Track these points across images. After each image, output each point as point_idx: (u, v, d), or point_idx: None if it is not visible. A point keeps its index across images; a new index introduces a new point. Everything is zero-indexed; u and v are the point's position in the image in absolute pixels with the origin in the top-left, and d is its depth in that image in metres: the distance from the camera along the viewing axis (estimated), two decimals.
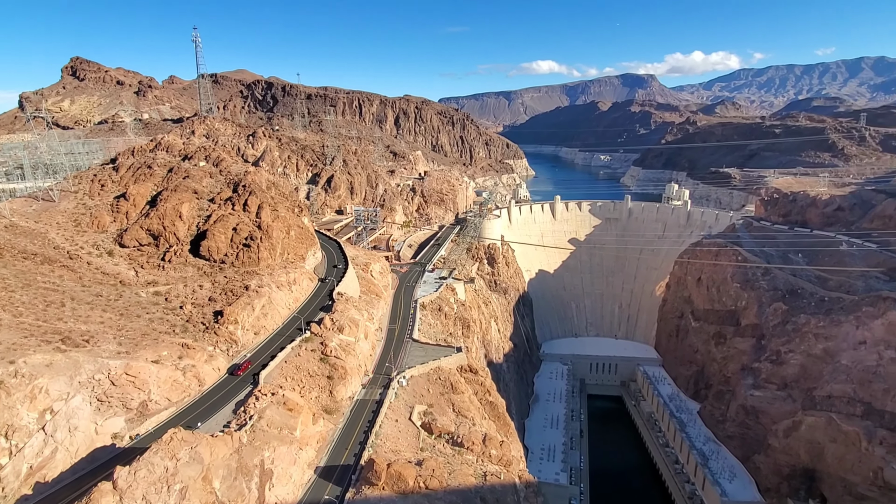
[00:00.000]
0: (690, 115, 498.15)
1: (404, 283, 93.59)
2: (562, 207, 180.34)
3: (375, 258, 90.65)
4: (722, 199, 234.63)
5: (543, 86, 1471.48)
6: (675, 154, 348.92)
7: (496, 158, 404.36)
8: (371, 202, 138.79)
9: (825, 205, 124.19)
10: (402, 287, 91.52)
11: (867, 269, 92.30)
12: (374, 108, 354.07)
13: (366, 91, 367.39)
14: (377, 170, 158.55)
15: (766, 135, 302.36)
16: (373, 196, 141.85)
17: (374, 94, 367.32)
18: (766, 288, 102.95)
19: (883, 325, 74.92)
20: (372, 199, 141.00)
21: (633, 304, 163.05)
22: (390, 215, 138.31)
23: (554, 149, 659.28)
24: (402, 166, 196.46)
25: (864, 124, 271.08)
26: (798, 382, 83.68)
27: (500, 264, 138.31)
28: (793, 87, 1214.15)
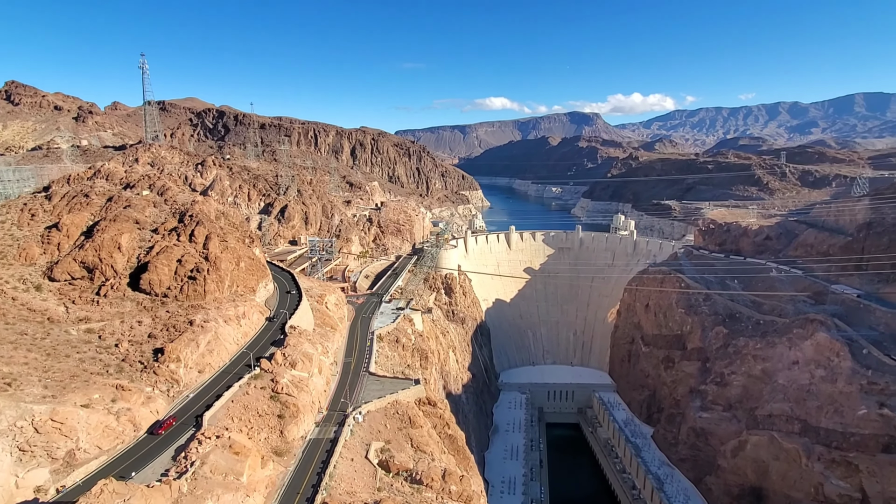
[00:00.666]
0: (633, 150, 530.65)
1: (361, 315, 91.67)
2: (517, 237, 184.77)
3: (331, 289, 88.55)
4: (664, 229, 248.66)
5: (497, 121, 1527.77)
6: (620, 187, 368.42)
7: (452, 190, 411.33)
8: (326, 232, 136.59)
9: (755, 234, 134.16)
10: (358, 318, 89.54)
11: (795, 293, 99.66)
12: (329, 138, 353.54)
13: (321, 122, 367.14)
14: (333, 200, 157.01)
15: (700, 170, 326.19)
16: (328, 226, 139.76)
17: (331, 124, 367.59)
18: (707, 313, 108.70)
19: (812, 346, 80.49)
20: (327, 229, 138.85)
21: (586, 331, 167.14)
22: (346, 246, 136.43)
23: (508, 181, 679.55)
24: (359, 197, 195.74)
25: (785, 161, 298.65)
26: (741, 403, 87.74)
27: (458, 294, 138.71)
28: (721, 127, 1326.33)
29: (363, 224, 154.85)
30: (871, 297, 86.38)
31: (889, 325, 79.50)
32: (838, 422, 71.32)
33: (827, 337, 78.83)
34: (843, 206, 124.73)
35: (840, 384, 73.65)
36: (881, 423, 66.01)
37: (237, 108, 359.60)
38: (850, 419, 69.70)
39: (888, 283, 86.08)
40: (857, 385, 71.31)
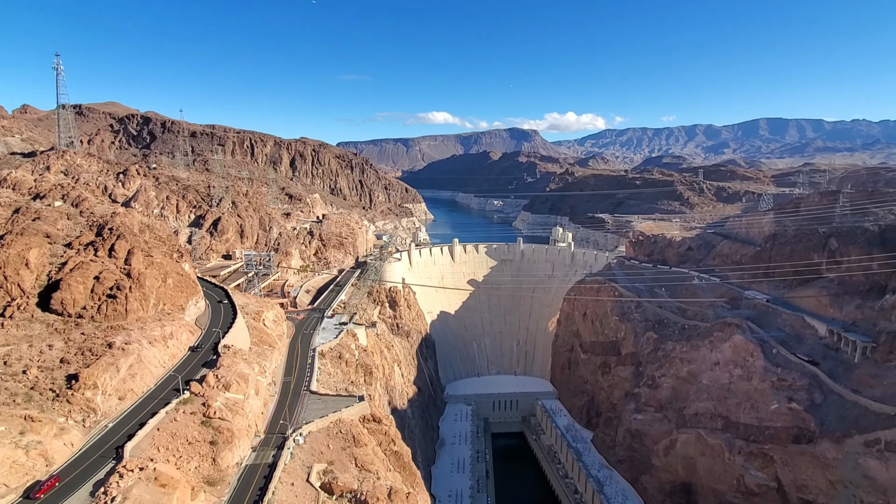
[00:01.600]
0: (569, 166, 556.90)
1: (301, 331, 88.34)
2: (460, 250, 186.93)
3: (269, 305, 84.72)
4: (599, 240, 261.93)
5: (439, 135, 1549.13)
6: (558, 200, 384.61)
7: (396, 202, 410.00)
8: (264, 246, 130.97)
9: (679, 245, 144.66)
10: (298, 335, 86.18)
11: (714, 299, 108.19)
12: (267, 149, 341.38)
13: (259, 131, 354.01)
14: (271, 212, 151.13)
15: (629, 185, 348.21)
16: (266, 240, 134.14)
17: (268, 134, 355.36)
18: (639, 319, 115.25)
19: (730, 348, 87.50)
20: (265, 242, 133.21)
21: (529, 341, 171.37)
22: (285, 259, 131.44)
23: (451, 194, 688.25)
24: (299, 209, 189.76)
25: (702, 179, 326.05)
26: (671, 403, 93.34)
27: (402, 307, 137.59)
28: (647, 146, 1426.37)
29: (304, 237, 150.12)
30: (777, 301, 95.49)
31: (793, 326, 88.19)
32: (755, 417, 77.71)
33: (742, 339, 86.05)
34: (752, 220, 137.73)
35: (755, 382, 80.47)
36: (790, 416, 72.68)
37: (165, 115, 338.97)
38: (765, 414, 76.20)
39: (791, 289, 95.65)
40: (769, 382, 78.21)
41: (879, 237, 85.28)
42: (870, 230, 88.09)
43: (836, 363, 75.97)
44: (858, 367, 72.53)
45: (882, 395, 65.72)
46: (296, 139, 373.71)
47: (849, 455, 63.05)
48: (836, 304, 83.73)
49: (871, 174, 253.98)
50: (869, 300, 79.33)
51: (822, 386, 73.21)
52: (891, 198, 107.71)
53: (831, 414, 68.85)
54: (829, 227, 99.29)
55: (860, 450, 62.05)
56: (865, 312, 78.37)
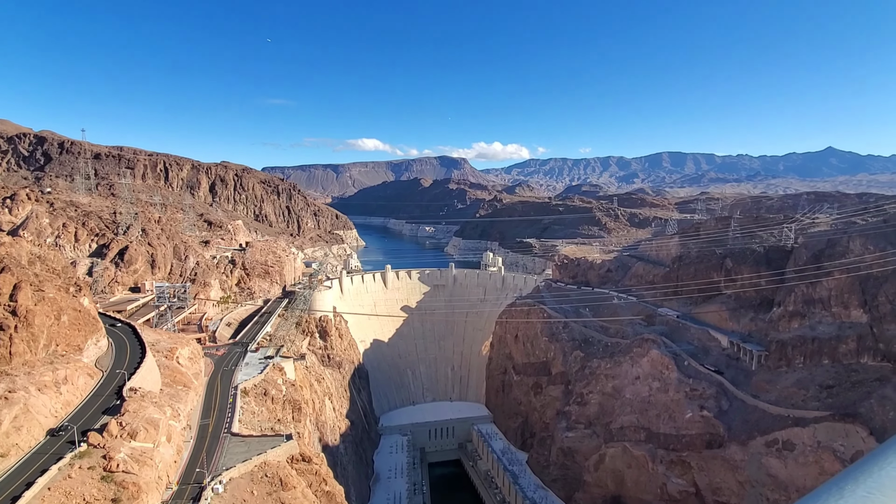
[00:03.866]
0: (497, 193, 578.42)
1: (221, 368, 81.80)
2: (393, 276, 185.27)
3: (184, 342, 77.85)
4: (527, 264, 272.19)
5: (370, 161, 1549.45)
6: (488, 226, 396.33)
7: (325, 229, 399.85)
8: (179, 277, 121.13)
9: (599, 267, 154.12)
10: (218, 373, 79.68)
11: (633, 317, 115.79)
12: (184, 173, 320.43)
13: (174, 154, 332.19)
14: (187, 240, 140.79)
15: (553, 212, 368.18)
16: (181, 270, 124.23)
17: (185, 158, 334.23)
18: (567, 339, 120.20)
19: (648, 362, 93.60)
20: (180, 273, 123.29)
21: (463, 366, 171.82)
22: (204, 291, 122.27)
23: (383, 220, 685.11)
24: (220, 236, 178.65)
25: (617, 206, 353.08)
26: (599, 419, 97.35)
27: (334, 337, 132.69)
28: (567, 175, 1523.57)
29: (224, 266, 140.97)
30: (686, 317, 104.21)
31: (700, 339, 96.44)
32: (672, 426, 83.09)
33: (658, 353, 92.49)
34: (660, 243, 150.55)
35: (671, 393, 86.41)
36: (703, 423, 78.58)
37: (64, 135, 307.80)
38: (681, 423, 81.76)
39: (697, 305, 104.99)
40: (683, 392, 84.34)
41: (765, 257, 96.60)
42: (757, 251, 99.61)
43: (738, 371, 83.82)
44: (756, 374, 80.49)
45: (776, 398, 73.23)
46: (216, 163, 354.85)
47: (753, 456, 69.10)
48: (734, 317, 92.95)
49: (755, 202, 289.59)
50: (761, 313, 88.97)
51: (727, 393, 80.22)
52: (772, 223, 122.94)
53: (737, 419, 75.40)
54: (724, 248, 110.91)
55: (762, 450, 68.29)
56: (758, 324, 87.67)
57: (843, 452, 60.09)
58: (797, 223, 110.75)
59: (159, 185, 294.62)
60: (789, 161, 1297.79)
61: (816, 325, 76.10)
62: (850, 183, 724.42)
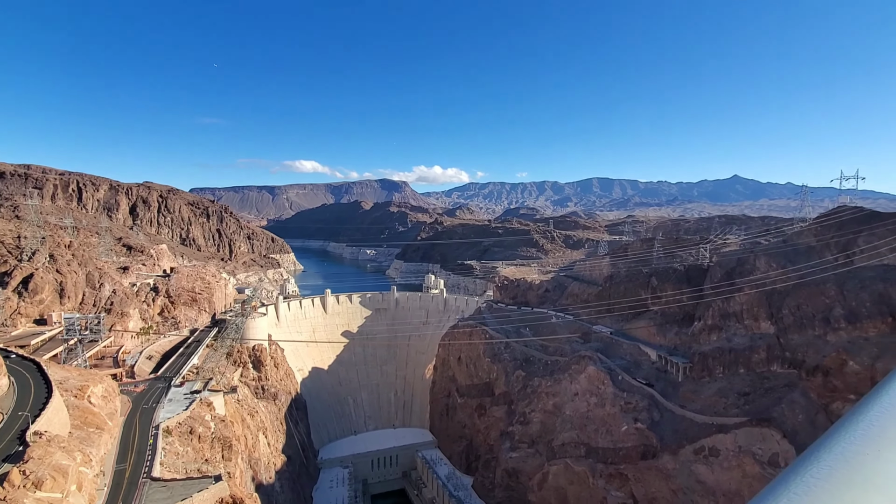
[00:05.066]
0: (438, 216, 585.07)
1: (141, 406, 74.67)
2: (333, 301, 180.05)
3: (97, 379, 70.40)
4: (469, 286, 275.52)
5: (308, 184, 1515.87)
6: (429, 249, 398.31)
7: (260, 253, 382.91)
8: (93, 307, 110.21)
9: (538, 288, 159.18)
10: (137, 411, 72.62)
11: (570, 335, 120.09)
12: (100, 193, 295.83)
13: (89, 174, 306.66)
14: (102, 266, 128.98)
15: (492, 234, 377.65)
16: (95, 299, 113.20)
17: (102, 177, 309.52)
18: (509, 359, 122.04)
19: (585, 378, 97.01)
20: (94, 302, 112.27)
21: (406, 391, 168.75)
22: (121, 321, 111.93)
23: (322, 243, 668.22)
24: (141, 262, 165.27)
25: (553, 228, 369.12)
26: (541, 437, 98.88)
27: (269, 367, 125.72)
28: (506, 198, 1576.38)
29: (146, 294, 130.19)
30: (619, 333, 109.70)
31: (632, 354, 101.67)
32: (610, 440, 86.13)
33: (595, 369, 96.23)
34: (593, 263, 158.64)
35: (607, 407, 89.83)
36: (637, 435, 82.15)
37: None
38: (618, 436, 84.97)
39: (628, 322, 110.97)
40: (618, 406, 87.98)
41: (685, 275, 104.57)
42: (678, 269, 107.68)
43: (667, 383, 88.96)
44: (682, 385, 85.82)
45: (701, 407, 78.31)
46: (138, 184, 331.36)
47: (683, 464, 73.03)
48: (661, 332, 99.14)
49: (674, 224, 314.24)
50: (684, 327, 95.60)
51: (658, 405, 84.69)
52: (689, 243, 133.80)
53: (668, 429, 79.62)
54: (649, 267, 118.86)
55: (691, 458, 72.39)
56: (682, 338, 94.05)
57: (762, 455, 65.09)
58: (711, 244, 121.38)
59: (71, 206, 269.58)
60: (702, 187, 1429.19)
61: (732, 336, 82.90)
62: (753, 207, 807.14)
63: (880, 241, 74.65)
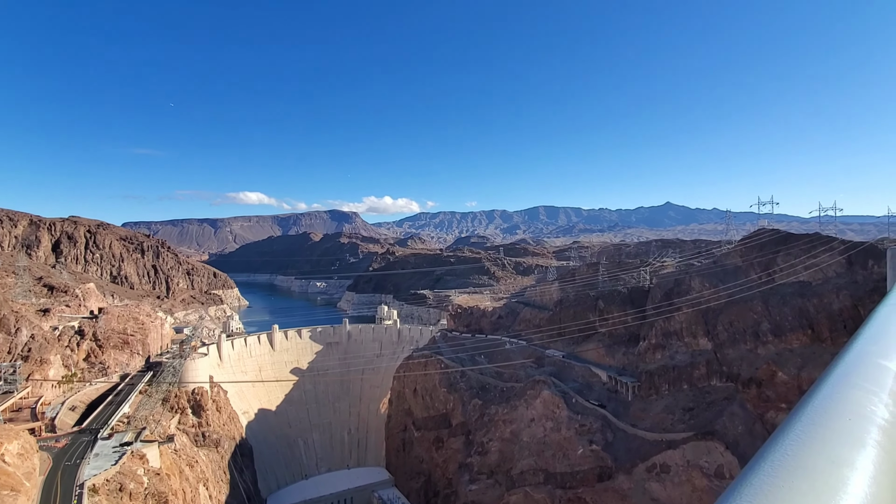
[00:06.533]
0: (389, 246, 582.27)
1: (63, 463, 67.21)
2: (281, 336, 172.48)
3: (11, 434, 62.78)
4: (423, 316, 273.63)
5: (254, 215, 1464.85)
6: (382, 279, 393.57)
7: (201, 289, 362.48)
8: (7, 354, 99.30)
9: (491, 315, 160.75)
10: (58, 469, 65.22)
11: (524, 360, 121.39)
12: (18, 229, 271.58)
13: (5, 208, 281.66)
14: (20, 309, 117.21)
15: (444, 263, 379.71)
16: (10, 346, 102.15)
17: (21, 212, 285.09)
18: (465, 388, 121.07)
19: (541, 403, 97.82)
20: (9, 349, 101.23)
21: (361, 428, 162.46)
22: (40, 370, 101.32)
23: (269, 277, 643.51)
24: (64, 303, 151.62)
25: (503, 255, 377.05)
26: (500, 466, 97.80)
27: (210, 411, 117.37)
28: (457, 227, 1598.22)
29: (69, 338, 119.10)
30: (571, 356, 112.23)
31: (584, 376, 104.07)
32: (567, 464, 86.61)
33: (549, 393, 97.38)
34: (543, 289, 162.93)
35: (563, 431, 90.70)
36: (593, 457, 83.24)
37: None
38: (574, 459, 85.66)
39: (578, 344, 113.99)
40: (573, 429, 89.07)
41: (629, 297, 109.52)
42: (622, 292, 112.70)
43: (618, 403, 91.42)
44: (632, 404, 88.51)
45: (651, 425, 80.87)
46: (63, 218, 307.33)
47: (637, 483, 74.51)
48: (610, 353, 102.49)
49: (616, 249, 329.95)
50: (631, 347, 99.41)
51: (611, 425, 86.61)
52: (631, 266, 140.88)
53: (621, 449, 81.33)
54: (596, 291, 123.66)
55: (644, 476, 74.05)
56: (630, 358, 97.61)
57: (708, 468, 67.76)
58: (651, 266, 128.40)
59: None
60: (639, 214, 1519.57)
61: (675, 354, 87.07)
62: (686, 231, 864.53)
63: (796, 259, 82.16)
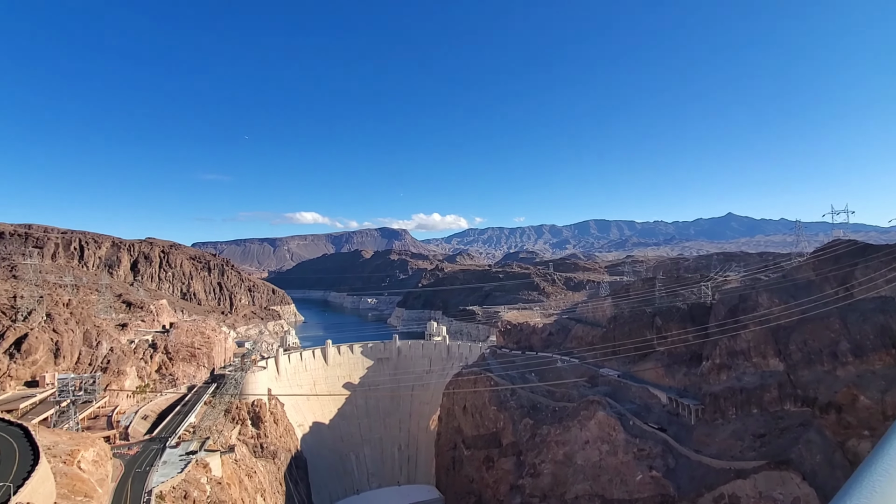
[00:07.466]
0: (438, 263, 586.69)
1: (133, 470, 71.70)
2: (334, 351, 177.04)
3: (88, 442, 67.99)
4: (472, 332, 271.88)
5: (309, 234, 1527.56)
6: (431, 296, 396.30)
7: (261, 305, 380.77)
8: (88, 366, 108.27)
9: (542, 331, 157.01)
10: (129, 476, 69.64)
11: (577, 379, 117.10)
12: (102, 251, 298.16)
13: (91, 231, 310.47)
14: (101, 324, 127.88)
15: (493, 279, 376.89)
16: (91, 358, 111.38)
17: (104, 235, 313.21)
18: (515, 407, 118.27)
19: (596, 424, 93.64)
20: (90, 361, 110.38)
21: (411, 444, 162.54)
22: (117, 380, 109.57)
23: (323, 293, 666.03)
24: (140, 318, 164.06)
25: (553, 271, 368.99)
26: (553, 490, 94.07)
27: (268, 423, 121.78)
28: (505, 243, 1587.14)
29: (144, 351, 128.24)
30: (626, 375, 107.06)
31: (641, 397, 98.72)
32: (625, 490, 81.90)
33: (605, 414, 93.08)
34: (596, 305, 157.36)
35: (620, 455, 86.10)
36: (653, 484, 78.22)
37: None
38: (633, 486, 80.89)
39: (635, 363, 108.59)
40: (631, 454, 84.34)
41: (689, 314, 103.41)
42: (682, 308, 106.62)
43: (679, 427, 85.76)
44: (695, 428, 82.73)
45: (717, 451, 75.10)
46: (140, 240, 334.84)
47: None
48: (670, 373, 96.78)
49: (674, 263, 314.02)
50: (692, 367, 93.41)
51: (672, 450, 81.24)
52: (691, 281, 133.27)
53: (684, 476, 75.94)
54: (652, 307, 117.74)
55: None
56: (691, 378, 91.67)
57: (783, 501, 61.71)
58: (712, 281, 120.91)
59: (72, 264, 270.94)
60: (698, 226, 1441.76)
61: (742, 375, 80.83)
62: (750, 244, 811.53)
63: (875, 273, 74.50)
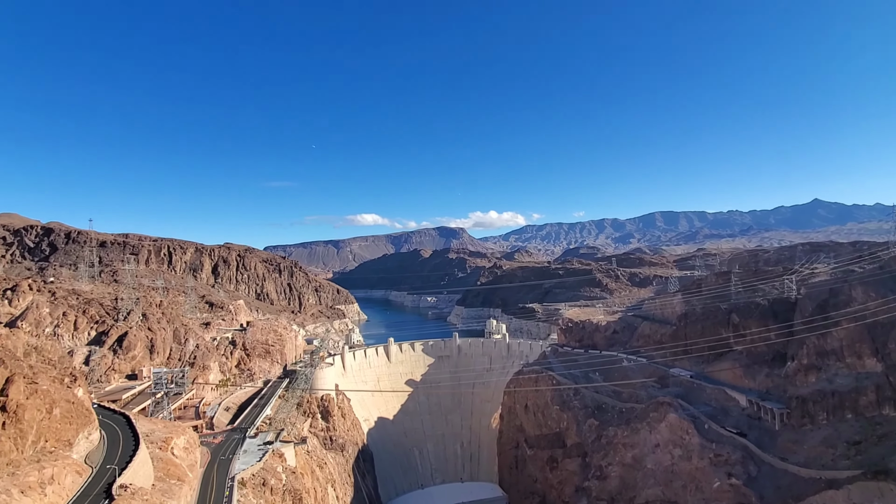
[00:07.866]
0: (497, 260, 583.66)
1: (218, 457, 77.79)
2: (396, 349, 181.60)
3: (179, 430, 74.61)
4: (532, 330, 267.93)
5: (370, 235, 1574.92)
6: (490, 293, 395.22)
7: (327, 304, 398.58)
8: (178, 361, 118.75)
9: (605, 329, 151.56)
10: (215, 462, 75.65)
11: (645, 379, 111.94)
12: (187, 256, 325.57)
13: (178, 238, 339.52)
14: (188, 323, 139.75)
15: (553, 275, 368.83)
16: (181, 353, 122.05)
17: (189, 241, 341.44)
18: (579, 407, 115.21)
19: (666, 427, 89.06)
20: (179, 357, 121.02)
21: (473, 442, 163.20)
22: (203, 374, 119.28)
23: (384, 293, 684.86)
24: (221, 317, 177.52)
25: (616, 266, 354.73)
26: (621, 494, 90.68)
27: (336, 417, 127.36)
28: (564, 238, 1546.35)
29: (224, 347, 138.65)
30: (700, 376, 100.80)
31: (717, 399, 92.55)
32: (701, 498, 77.25)
33: (676, 417, 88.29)
34: (664, 301, 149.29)
35: (694, 461, 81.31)
36: (732, 492, 73.17)
37: (70, 225, 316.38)
38: (709, 493, 76.11)
39: (709, 363, 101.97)
40: (707, 459, 79.38)
41: (770, 310, 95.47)
42: (762, 304, 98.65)
43: (761, 432, 79.52)
44: (780, 434, 76.33)
45: (805, 459, 68.86)
46: (219, 245, 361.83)
47: None
48: (749, 374, 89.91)
49: (751, 255, 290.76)
50: (775, 368, 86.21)
51: (753, 457, 75.51)
52: (772, 275, 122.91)
53: (768, 485, 70.34)
54: (728, 303, 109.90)
55: None
56: (775, 380, 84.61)
57: None
58: (797, 274, 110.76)
59: (162, 269, 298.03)
60: (779, 214, 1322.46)
61: (833, 377, 73.51)
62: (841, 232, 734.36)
63: None
